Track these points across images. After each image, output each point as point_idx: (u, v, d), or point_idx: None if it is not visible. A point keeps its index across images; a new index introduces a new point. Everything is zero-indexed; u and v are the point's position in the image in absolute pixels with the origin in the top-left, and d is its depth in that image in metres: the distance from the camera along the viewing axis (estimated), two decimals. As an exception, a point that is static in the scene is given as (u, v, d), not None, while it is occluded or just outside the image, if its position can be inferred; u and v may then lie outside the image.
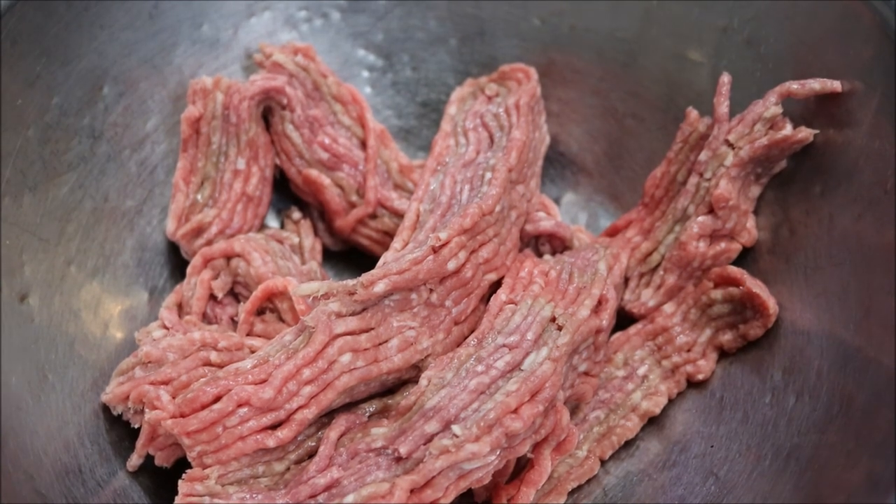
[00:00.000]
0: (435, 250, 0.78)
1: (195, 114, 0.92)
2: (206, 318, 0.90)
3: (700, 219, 0.86)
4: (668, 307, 0.89)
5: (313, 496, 0.71)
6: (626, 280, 0.92)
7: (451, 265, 0.79)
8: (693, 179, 0.87)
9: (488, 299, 0.84)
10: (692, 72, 0.94)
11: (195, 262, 0.91)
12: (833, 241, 0.79)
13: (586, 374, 0.82)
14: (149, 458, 0.79)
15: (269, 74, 0.95)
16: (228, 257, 0.90)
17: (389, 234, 0.96)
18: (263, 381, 0.73)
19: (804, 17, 0.83)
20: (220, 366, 0.79)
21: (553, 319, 0.78)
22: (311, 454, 0.77)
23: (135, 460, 0.79)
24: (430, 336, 0.79)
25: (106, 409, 0.82)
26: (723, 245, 0.87)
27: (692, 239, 0.86)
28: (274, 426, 0.74)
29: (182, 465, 0.77)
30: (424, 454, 0.70)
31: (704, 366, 0.87)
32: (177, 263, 0.96)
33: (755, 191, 0.87)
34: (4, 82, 0.80)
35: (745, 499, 0.74)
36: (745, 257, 0.88)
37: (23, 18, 0.82)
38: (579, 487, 0.83)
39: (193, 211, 0.93)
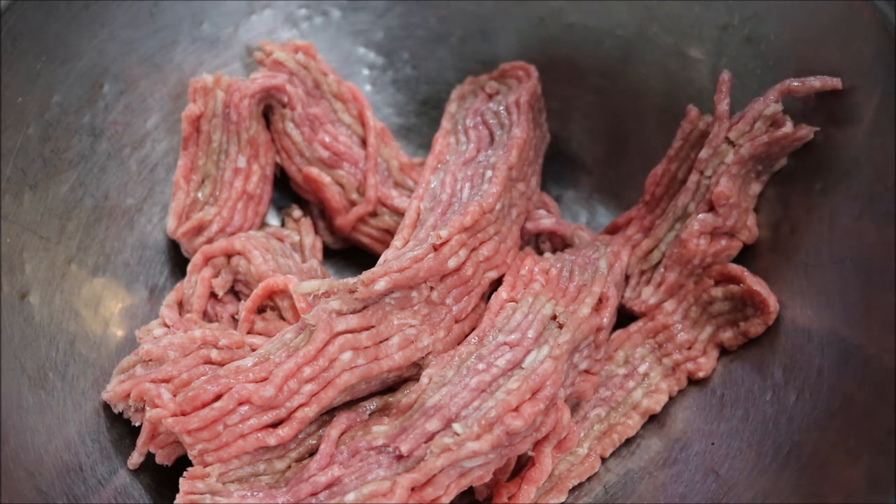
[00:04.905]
0: (435, 248, 0.78)
1: (196, 112, 0.92)
2: (206, 316, 0.90)
3: (701, 216, 0.86)
4: (669, 305, 0.89)
5: (314, 494, 0.71)
6: (627, 278, 0.92)
7: (452, 263, 0.79)
8: (693, 177, 0.87)
9: (489, 297, 0.84)
10: (692, 69, 0.94)
11: (196, 260, 0.91)
12: (834, 239, 0.79)
13: (587, 371, 0.82)
14: (150, 457, 0.79)
15: (270, 72, 0.95)
16: (229, 255, 0.90)
17: (390, 233, 0.96)
18: (264, 380, 0.73)
19: (804, 14, 0.83)
20: (221, 364, 0.79)
21: (554, 317, 0.78)
22: (312, 452, 0.77)
23: (136, 458, 0.79)
24: (430, 334, 0.79)
25: (107, 407, 0.82)
26: (723, 242, 0.87)
27: (693, 236, 0.86)
28: (275, 424, 0.74)
29: (183, 463, 0.77)
30: (425, 452, 0.70)
31: (705, 363, 0.87)
32: (177, 261, 0.96)
33: (756, 188, 0.87)
34: (5, 80, 0.80)
35: (745, 496, 0.75)
36: (745, 255, 0.88)
37: (23, 17, 0.82)
38: (580, 485, 0.83)
39: (194, 209, 0.93)
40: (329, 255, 1.02)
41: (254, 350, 0.81)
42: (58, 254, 0.85)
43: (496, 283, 0.85)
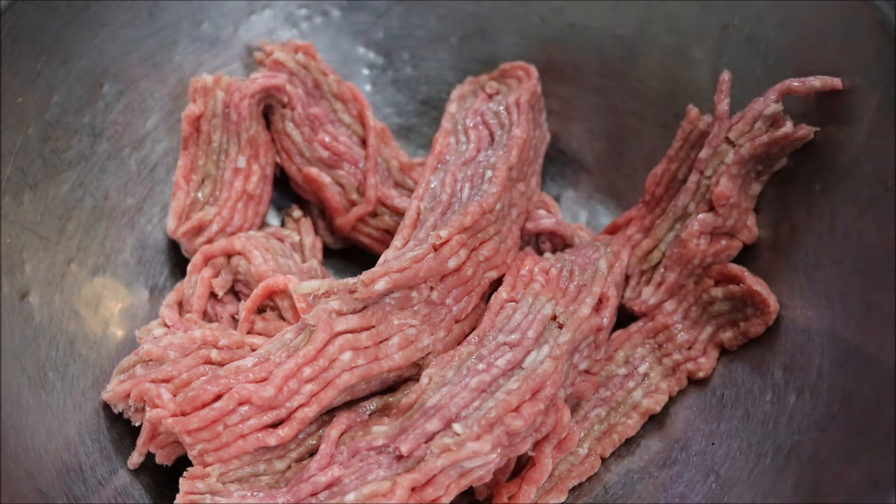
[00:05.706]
0: (435, 248, 0.78)
1: (196, 112, 0.92)
2: (206, 317, 0.90)
3: (701, 216, 0.86)
4: (669, 305, 0.89)
5: (314, 494, 0.71)
6: (627, 278, 0.92)
7: (452, 263, 0.79)
8: (693, 177, 0.87)
9: (489, 297, 0.84)
10: (692, 69, 0.94)
11: (196, 260, 0.91)
12: (834, 239, 0.79)
13: (587, 371, 0.82)
14: (150, 457, 0.79)
15: (270, 72, 0.95)
16: (229, 255, 0.90)
17: (390, 233, 0.96)
18: (264, 380, 0.73)
19: (805, 14, 0.83)
20: (221, 364, 0.79)
21: (554, 317, 0.78)
22: (312, 452, 0.77)
23: (136, 458, 0.79)
24: (430, 334, 0.79)
25: (107, 407, 0.82)
26: (723, 242, 0.87)
27: (693, 236, 0.86)
28: (275, 424, 0.74)
29: (183, 463, 0.77)
30: (425, 452, 0.70)
31: (705, 363, 0.87)
32: (177, 261, 0.96)
33: (756, 188, 0.87)
34: (5, 80, 0.80)
35: (745, 497, 0.74)
36: (745, 255, 0.88)
37: (23, 16, 0.82)
38: (580, 485, 0.83)
39: (194, 209, 0.93)
40: (329, 255, 1.02)
41: (254, 350, 0.81)
42: (58, 254, 0.85)
43: (496, 283, 0.85)
